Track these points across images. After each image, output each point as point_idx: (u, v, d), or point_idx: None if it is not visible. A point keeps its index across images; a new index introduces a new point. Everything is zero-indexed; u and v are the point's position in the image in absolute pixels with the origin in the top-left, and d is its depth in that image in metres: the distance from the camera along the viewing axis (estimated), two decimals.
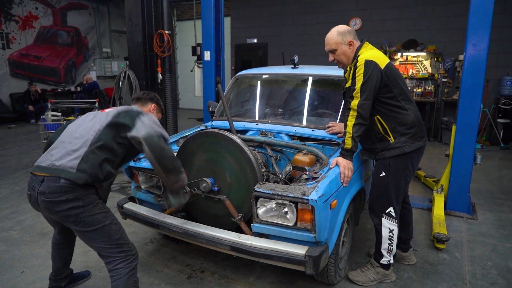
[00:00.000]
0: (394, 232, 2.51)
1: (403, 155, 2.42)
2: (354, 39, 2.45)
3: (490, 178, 5.17)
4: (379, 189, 2.52)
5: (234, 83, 3.80)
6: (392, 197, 2.48)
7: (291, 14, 9.66)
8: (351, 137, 2.30)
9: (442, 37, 8.02)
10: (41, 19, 10.83)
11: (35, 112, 9.45)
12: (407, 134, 2.42)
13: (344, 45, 2.43)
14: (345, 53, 2.45)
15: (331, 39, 2.45)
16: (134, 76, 4.79)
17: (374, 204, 2.58)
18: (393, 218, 2.50)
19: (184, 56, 12.55)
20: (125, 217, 2.71)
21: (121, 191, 4.49)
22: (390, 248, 2.54)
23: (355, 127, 2.30)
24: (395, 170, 2.45)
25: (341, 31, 2.44)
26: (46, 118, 4.51)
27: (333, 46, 2.44)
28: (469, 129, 3.66)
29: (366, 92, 2.28)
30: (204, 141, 2.48)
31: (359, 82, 2.30)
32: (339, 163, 2.31)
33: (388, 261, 2.56)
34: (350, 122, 2.32)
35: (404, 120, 2.42)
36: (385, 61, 2.37)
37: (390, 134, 2.43)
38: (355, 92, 2.31)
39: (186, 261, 2.87)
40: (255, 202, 2.21)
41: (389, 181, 2.46)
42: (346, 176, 2.29)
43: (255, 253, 2.15)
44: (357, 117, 2.29)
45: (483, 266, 2.84)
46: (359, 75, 2.30)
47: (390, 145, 2.44)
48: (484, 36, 3.47)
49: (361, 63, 2.31)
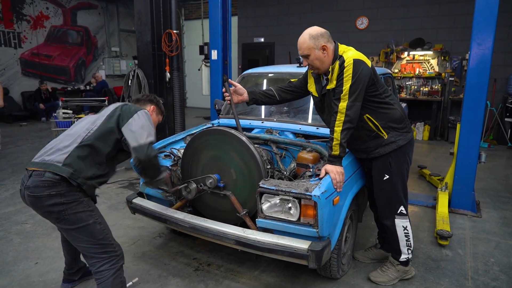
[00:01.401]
0: (408, 228, 2.51)
1: (399, 149, 2.40)
2: (328, 43, 2.26)
3: (496, 177, 5.16)
4: (387, 192, 2.48)
5: (241, 81, 3.86)
6: (401, 196, 2.47)
7: (298, 13, 9.69)
8: (338, 143, 2.19)
9: (449, 35, 7.98)
10: (52, 18, 11.01)
11: (46, 110, 9.61)
12: (398, 128, 2.41)
13: (317, 49, 2.24)
14: (319, 59, 2.27)
15: (302, 44, 2.26)
16: (143, 75, 4.88)
17: (385, 208, 2.53)
18: (404, 216, 2.50)
19: (192, 55, 12.64)
20: (133, 212, 2.79)
21: (130, 187, 4.59)
22: (408, 244, 2.54)
23: (343, 133, 2.18)
24: (397, 169, 2.43)
25: (313, 34, 2.24)
26: (57, 116, 4.63)
27: (306, 52, 2.26)
28: (474, 127, 3.68)
29: (356, 93, 2.18)
30: (211, 138, 2.55)
31: (347, 83, 2.17)
32: (328, 171, 2.22)
33: (407, 258, 2.56)
34: (337, 127, 2.19)
35: (393, 116, 2.39)
36: (369, 61, 2.30)
37: (383, 130, 2.39)
38: (342, 94, 2.19)
39: (193, 254, 2.96)
40: (259, 197, 2.27)
41: (395, 182, 2.44)
42: (339, 182, 2.20)
43: (260, 247, 2.21)
44: (345, 121, 2.18)
45: (485, 263, 2.88)
46: (347, 75, 2.18)
47: (385, 141, 2.40)
48: (489, 35, 3.48)
49: (349, 62, 2.18)
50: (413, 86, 8.29)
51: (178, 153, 2.85)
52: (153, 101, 2.46)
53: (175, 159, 2.73)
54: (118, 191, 4.43)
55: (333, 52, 2.30)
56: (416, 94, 8.11)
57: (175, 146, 3.04)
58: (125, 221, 3.55)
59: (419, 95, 8.08)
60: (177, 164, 2.73)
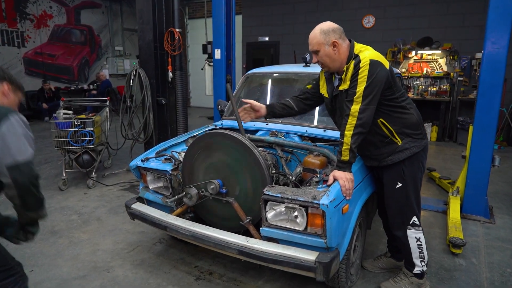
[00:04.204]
0: (421, 239, 2.36)
1: (414, 156, 2.25)
2: (339, 39, 2.14)
3: (507, 180, 5.00)
4: (399, 201, 2.33)
5: (244, 81, 3.75)
6: (414, 205, 2.32)
7: (303, 12, 9.55)
8: (349, 148, 2.06)
9: (458, 35, 7.80)
10: (55, 17, 10.95)
11: (49, 110, 9.54)
12: (414, 134, 2.26)
13: (327, 45, 2.14)
14: (329, 55, 2.15)
15: (313, 38, 2.17)
16: (145, 74, 4.76)
17: (396, 218, 2.38)
18: (417, 227, 2.34)
19: (196, 54, 12.53)
20: (133, 218, 2.68)
21: (131, 189, 4.49)
22: (421, 256, 2.38)
23: (354, 137, 2.05)
24: (410, 177, 2.28)
25: (324, 29, 2.14)
26: (57, 116, 4.52)
27: (315, 47, 2.16)
28: (487, 130, 3.53)
29: (370, 96, 2.04)
30: (212, 141, 2.43)
31: (362, 84, 2.03)
32: (337, 177, 2.09)
33: (421, 270, 2.41)
34: (348, 131, 2.06)
35: (409, 121, 2.25)
36: (387, 62, 2.17)
37: (397, 136, 2.24)
38: (355, 97, 2.04)
39: (194, 262, 2.84)
40: (264, 205, 2.15)
41: (408, 190, 2.29)
42: (348, 189, 2.07)
43: (264, 258, 2.10)
44: (356, 126, 2.04)
45: (501, 273, 2.73)
46: (362, 76, 2.04)
47: (398, 147, 2.25)
48: (504, 34, 3.34)
49: (365, 63, 2.04)
50: (421, 86, 8.12)
51: (179, 157, 2.73)
52: (4, 77, 1.66)
53: (175, 163, 2.61)
54: (119, 194, 4.33)
55: (347, 50, 2.17)
56: (424, 94, 7.94)
57: (176, 149, 2.93)
58: (124, 226, 3.45)
59: (427, 95, 7.92)
60: (177, 169, 2.61)
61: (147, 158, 2.73)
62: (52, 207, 3.89)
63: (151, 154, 2.80)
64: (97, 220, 3.60)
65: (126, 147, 5.30)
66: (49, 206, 3.92)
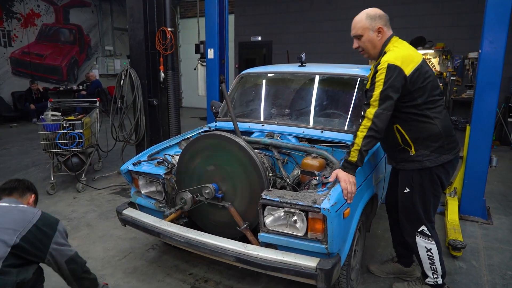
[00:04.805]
0: (433, 251, 2.23)
1: (426, 170, 2.14)
2: (385, 26, 2.13)
3: (502, 180, 4.99)
4: (406, 206, 2.27)
5: (239, 82, 3.65)
6: (421, 214, 2.21)
7: (296, 11, 9.49)
8: (358, 150, 2.01)
9: (451, 34, 7.83)
10: (43, 16, 10.72)
11: (37, 111, 9.33)
12: (430, 147, 2.11)
13: (372, 31, 2.12)
14: (372, 41, 2.14)
15: (358, 23, 2.14)
16: (136, 75, 4.64)
17: (405, 222, 2.32)
18: (428, 237, 2.23)
19: (188, 54, 12.40)
20: (124, 224, 2.57)
21: (122, 193, 4.37)
22: (433, 268, 2.26)
23: (366, 139, 2.00)
24: (419, 185, 2.18)
25: (371, 14, 2.12)
26: (45, 118, 4.38)
27: (359, 31, 2.14)
28: (485, 130, 3.49)
29: (387, 102, 1.98)
30: (207, 144, 2.34)
31: (378, 88, 1.99)
32: (339, 178, 2.03)
33: (435, 282, 2.29)
34: (361, 132, 2.02)
35: (428, 131, 2.10)
36: (413, 64, 2.04)
37: (412, 145, 2.14)
38: (372, 100, 2.01)
39: (188, 269, 2.74)
40: (262, 210, 2.07)
41: (414, 198, 2.21)
42: (350, 192, 2.01)
43: (262, 265, 2.01)
44: (370, 128, 1.99)
45: (502, 276, 2.69)
46: (379, 80, 2.00)
47: (410, 157, 2.16)
48: (501, 32, 3.32)
49: (383, 66, 2.00)
50: None
51: (172, 160, 2.64)
52: (31, 188, 2.03)
53: (169, 167, 2.51)
54: (110, 198, 4.20)
55: (385, 41, 2.15)
56: None
57: (169, 152, 2.82)
58: (116, 232, 3.33)
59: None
60: (171, 172, 2.51)
61: (139, 161, 2.62)
62: None
63: (143, 157, 2.70)
64: (87, 226, 3.48)
65: (117, 149, 5.16)
66: None
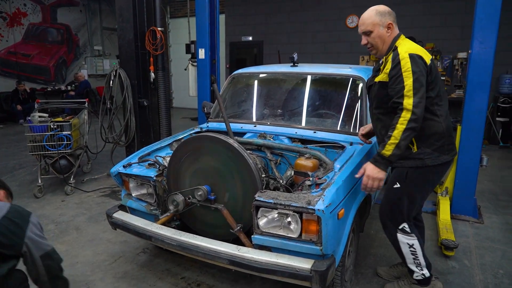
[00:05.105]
0: (415, 246, 2.23)
1: (424, 168, 2.12)
2: (394, 22, 2.17)
3: (492, 179, 5.04)
4: (391, 201, 2.25)
5: (230, 82, 3.62)
6: (405, 211, 2.21)
7: (287, 11, 9.48)
8: (396, 144, 1.96)
9: (440, 34, 7.89)
10: (30, 16, 10.52)
11: (24, 112, 9.16)
12: (433, 145, 2.10)
13: (382, 27, 2.15)
14: (382, 37, 2.16)
15: (367, 19, 2.17)
16: (125, 75, 4.57)
17: (386, 218, 2.30)
18: (408, 233, 2.23)
19: (178, 54, 12.31)
20: (115, 228, 2.52)
21: (112, 195, 4.29)
22: (417, 262, 2.27)
23: (406, 132, 1.94)
24: (411, 183, 2.17)
25: (380, 10, 2.16)
26: (32, 120, 4.27)
27: (369, 27, 2.16)
28: (476, 129, 3.52)
29: (421, 90, 1.96)
30: (199, 145, 2.30)
31: (409, 78, 1.96)
32: (365, 170, 2.05)
33: (422, 275, 2.29)
34: (401, 125, 1.95)
35: (433, 129, 2.09)
36: (428, 57, 2.07)
37: (415, 142, 2.10)
38: (406, 90, 1.95)
39: (181, 273, 2.69)
40: (255, 212, 2.04)
41: (403, 194, 2.19)
42: (369, 187, 2.05)
43: (257, 267, 1.98)
44: (410, 120, 1.93)
45: (494, 275, 2.70)
46: (406, 69, 1.97)
47: (412, 154, 2.12)
48: (492, 33, 3.34)
49: (405, 57, 1.99)
50: None
51: (163, 162, 2.59)
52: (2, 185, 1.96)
53: (160, 169, 2.47)
54: (99, 200, 4.12)
55: (394, 38, 2.17)
56: None
57: (160, 153, 2.77)
58: (105, 235, 3.26)
59: None
60: (162, 174, 2.46)
61: (130, 163, 2.57)
62: None
63: (134, 159, 2.64)
64: (76, 230, 3.40)
65: (106, 150, 5.08)
66: None
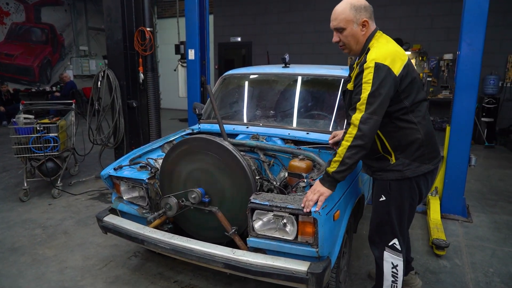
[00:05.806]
0: (398, 268, 2.06)
1: (405, 181, 1.95)
2: (369, 19, 1.90)
3: (479, 178, 5.14)
4: (380, 216, 2.08)
5: (222, 83, 3.59)
6: (396, 226, 2.03)
7: (276, 12, 9.50)
8: (340, 161, 1.79)
9: (426, 36, 8.03)
10: (13, 15, 10.27)
11: (7, 113, 8.95)
12: (412, 155, 1.92)
13: (356, 24, 1.88)
14: (355, 36, 1.90)
15: (340, 14, 1.88)
16: (114, 76, 4.49)
17: (374, 233, 2.13)
18: (397, 252, 2.05)
19: (166, 54, 12.20)
20: (105, 232, 2.46)
21: (101, 198, 4.20)
22: (394, 287, 2.10)
23: (350, 150, 1.76)
24: (397, 194, 1.99)
25: (356, 5, 1.87)
26: (17, 121, 4.16)
27: (341, 24, 1.88)
28: (464, 130, 3.58)
29: (376, 104, 1.73)
30: (192, 147, 2.27)
31: (367, 90, 1.74)
32: (313, 187, 1.88)
33: None
34: (346, 141, 1.78)
35: (410, 137, 1.90)
36: (401, 62, 1.82)
37: (392, 153, 1.94)
38: (359, 103, 1.76)
39: (173, 276, 2.65)
40: (250, 214, 2.02)
41: (391, 207, 2.01)
42: (309, 201, 1.82)
43: (252, 270, 1.96)
44: (356, 137, 1.75)
45: (485, 273, 2.74)
46: (367, 80, 1.76)
47: (390, 166, 1.96)
48: (479, 35, 3.38)
49: (370, 66, 1.76)
50: None
51: (155, 164, 2.54)
52: None
53: (152, 171, 2.42)
54: (88, 203, 4.03)
55: (369, 36, 1.92)
56: None
57: (151, 155, 2.73)
58: (95, 239, 3.19)
59: None
60: (154, 177, 2.42)
61: (120, 166, 2.51)
62: (12, 221, 3.55)
63: (125, 161, 2.59)
64: (64, 234, 3.32)
65: (94, 152, 4.99)
66: (8, 220, 3.59)
